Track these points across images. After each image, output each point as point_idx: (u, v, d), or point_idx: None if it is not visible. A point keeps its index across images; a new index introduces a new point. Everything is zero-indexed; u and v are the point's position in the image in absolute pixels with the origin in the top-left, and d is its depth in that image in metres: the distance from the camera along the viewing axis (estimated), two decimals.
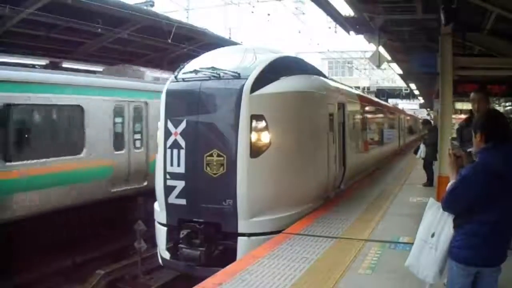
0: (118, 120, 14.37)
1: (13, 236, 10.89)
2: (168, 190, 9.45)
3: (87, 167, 12.93)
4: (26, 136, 11.71)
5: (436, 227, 4.26)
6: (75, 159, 12.60)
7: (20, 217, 11.07)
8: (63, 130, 12.87)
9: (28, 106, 11.61)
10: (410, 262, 4.65)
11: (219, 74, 9.36)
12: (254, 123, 9.05)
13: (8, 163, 10.86)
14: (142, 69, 17.17)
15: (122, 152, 14.37)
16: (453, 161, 4.40)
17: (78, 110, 12.84)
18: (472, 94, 7.54)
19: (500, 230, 3.95)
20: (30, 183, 11.25)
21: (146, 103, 15.27)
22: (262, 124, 9.13)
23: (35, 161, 11.40)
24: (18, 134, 11.43)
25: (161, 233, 9.73)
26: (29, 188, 11.24)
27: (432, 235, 4.28)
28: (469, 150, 5.25)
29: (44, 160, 11.65)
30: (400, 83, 42.32)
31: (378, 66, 16.86)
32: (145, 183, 14.69)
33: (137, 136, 15.09)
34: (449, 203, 4.16)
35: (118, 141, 14.24)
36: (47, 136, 12.32)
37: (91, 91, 13.37)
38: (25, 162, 11.17)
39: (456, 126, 10.72)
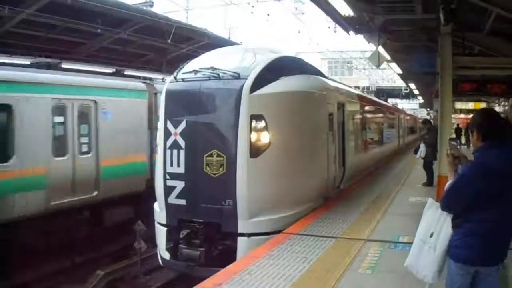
0: (59, 121, 12.45)
1: None
2: (168, 190, 9.44)
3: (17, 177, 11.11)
4: None
5: (435, 227, 4.23)
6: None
7: None
8: None
9: None
10: (409, 262, 4.61)
11: (218, 74, 9.36)
12: (253, 123, 9.05)
13: None
14: None
15: (64, 158, 12.49)
16: (451, 161, 4.40)
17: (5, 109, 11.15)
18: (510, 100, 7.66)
19: (498, 229, 3.92)
20: None
21: (95, 102, 13.46)
22: (261, 124, 9.13)
23: None
24: None
25: (161, 233, 9.73)
26: None
27: (431, 235, 4.25)
28: None
29: None
30: (399, 83, 42.32)
31: (378, 66, 16.85)
32: (95, 193, 13.23)
33: (84, 139, 13.17)
34: (447, 203, 4.13)
35: (59, 146, 12.36)
36: None
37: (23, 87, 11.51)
38: None
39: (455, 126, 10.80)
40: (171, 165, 9.41)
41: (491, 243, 3.94)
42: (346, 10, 11.06)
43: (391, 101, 46.93)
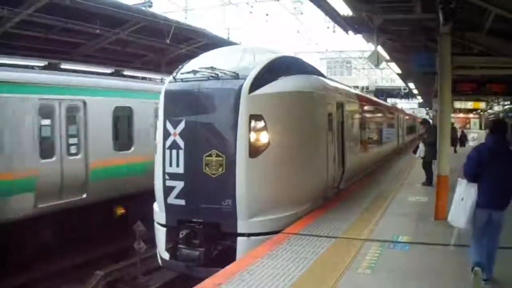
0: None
1: None
2: (167, 190, 9.45)
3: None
4: None
5: (464, 194, 6.41)
6: None
7: None
8: None
9: None
10: (450, 218, 6.68)
11: (217, 74, 9.36)
12: (253, 123, 9.05)
13: None
14: None
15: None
16: None
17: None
18: None
19: (494, 185, 6.28)
20: None
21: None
22: (261, 124, 9.13)
23: None
24: None
25: (160, 233, 9.73)
26: None
27: (462, 199, 6.41)
28: None
29: None
30: (399, 83, 42.35)
31: (377, 66, 16.85)
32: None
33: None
34: (464, 172, 6.53)
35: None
36: None
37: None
38: None
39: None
40: (170, 165, 9.42)
41: (493, 194, 6.27)
42: (345, 10, 11.05)
43: (390, 101, 46.92)
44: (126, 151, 14.54)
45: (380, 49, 13.90)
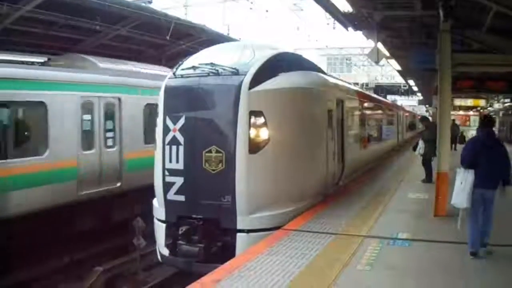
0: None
1: None
2: (166, 186, 9.46)
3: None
4: None
5: (463, 179, 7.50)
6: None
7: None
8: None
9: None
10: (454, 201, 7.76)
11: (217, 70, 9.36)
12: (252, 119, 9.06)
13: None
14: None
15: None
16: None
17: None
18: None
19: (486, 169, 7.38)
20: None
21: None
22: (260, 120, 9.14)
23: None
24: None
25: (160, 229, 9.74)
26: None
27: (461, 183, 7.51)
28: None
29: None
30: (399, 80, 42.32)
31: (377, 63, 16.88)
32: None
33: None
34: (462, 161, 7.67)
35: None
36: None
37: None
38: None
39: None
40: (170, 161, 9.43)
41: (486, 176, 7.38)
42: (345, 6, 11.05)
43: (390, 98, 46.89)
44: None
45: (380, 45, 13.90)
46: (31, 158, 11.40)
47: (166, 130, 9.51)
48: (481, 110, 39.51)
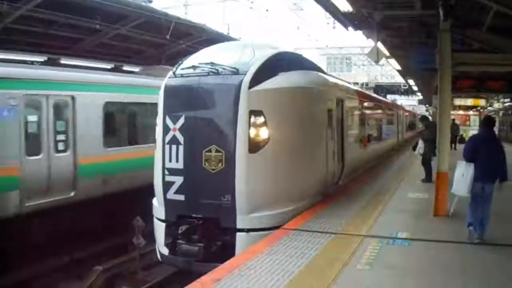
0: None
1: None
2: (166, 185, 9.45)
3: None
4: None
5: (464, 171, 8.38)
6: None
7: None
8: None
9: None
10: (454, 189, 8.87)
11: (217, 70, 9.36)
12: (252, 119, 9.06)
13: None
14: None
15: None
16: None
17: None
18: None
19: (485, 163, 8.13)
20: None
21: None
22: (260, 119, 9.14)
23: None
24: None
25: (159, 228, 9.74)
26: None
27: (463, 175, 8.41)
28: None
29: None
30: (398, 79, 42.31)
31: (377, 62, 16.85)
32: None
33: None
34: (464, 155, 8.52)
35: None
36: None
37: None
38: None
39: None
40: (170, 160, 9.42)
41: (485, 171, 8.11)
42: (345, 6, 11.05)
43: (390, 98, 46.90)
44: None
45: (380, 45, 13.90)
46: None
47: (166, 129, 9.51)
48: (481, 110, 39.55)
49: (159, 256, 9.97)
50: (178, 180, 9.32)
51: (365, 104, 18.78)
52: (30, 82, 11.56)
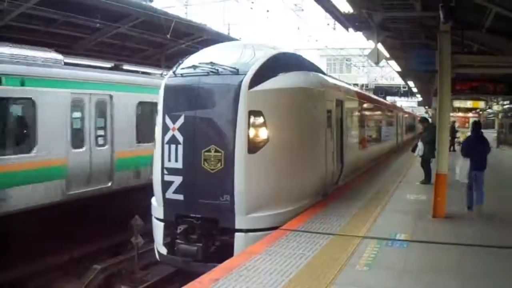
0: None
1: None
2: (165, 185, 9.45)
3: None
4: None
5: (461, 164, 11.00)
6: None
7: None
8: None
9: None
10: (458, 178, 11.04)
11: (217, 70, 9.36)
12: (252, 119, 9.06)
13: None
14: None
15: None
16: None
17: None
18: None
19: (477, 158, 10.72)
20: None
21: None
22: (260, 120, 9.14)
23: None
24: None
25: (158, 228, 9.73)
26: None
27: (462, 167, 10.94)
28: None
29: None
30: (398, 81, 42.29)
31: (377, 63, 16.85)
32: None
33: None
34: (462, 153, 11.42)
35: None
36: None
37: None
38: None
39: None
40: (169, 160, 9.42)
41: (476, 163, 10.69)
42: (345, 7, 11.06)
43: (389, 99, 46.89)
44: None
45: (380, 46, 13.89)
46: None
47: (165, 129, 9.50)
48: (481, 112, 39.52)
49: (157, 256, 9.96)
50: (177, 179, 9.32)
51: (365, 105, 18.79)
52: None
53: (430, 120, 24.54)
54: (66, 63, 13.10)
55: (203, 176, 9.05)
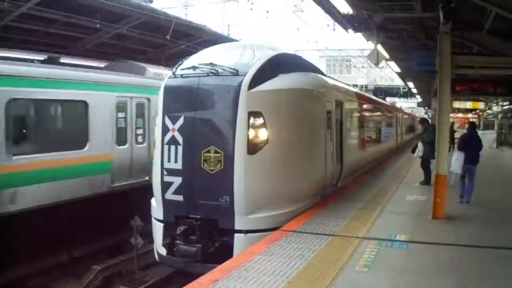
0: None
1: None
2: (165, 186, 9.45)
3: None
4: None
5: (458, 156, 11.97)
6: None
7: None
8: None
9: None
10: (452, 169, 11.77)
11: (217, 71, 9.35)
12: (251, 120, 9.06)
13: None
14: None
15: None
16: None
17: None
18: None
19: (471, 153, 11.98)
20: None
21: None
22: (259, 121, 9.14)
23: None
24: None
25: (157, 229, 9.73)
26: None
27: (457, 159, 11.94)
28: None
29: None
30: (398, 82, 42.32)
31: (376, 64, 16.85)
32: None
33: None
34: (458, 147, 12.54)
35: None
36: None
37: None
38: None
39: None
40: (169, 160, 9.42)
41: (470, 157, 11.91)
42: (345, 8, 11.04)
43: (389, 100, 46.89)
44: None
45: (380, 47, 13.88)
46: None
47: (165, 129, 9.51)
48: (480, 113, 39.53)
49: (156, 257, 9.96)
50: (177, 180, 9.32)
51: (364, 106, 18.79)
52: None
53: (429, 121, 24.54)
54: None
55: (202, 177, 9.04)
